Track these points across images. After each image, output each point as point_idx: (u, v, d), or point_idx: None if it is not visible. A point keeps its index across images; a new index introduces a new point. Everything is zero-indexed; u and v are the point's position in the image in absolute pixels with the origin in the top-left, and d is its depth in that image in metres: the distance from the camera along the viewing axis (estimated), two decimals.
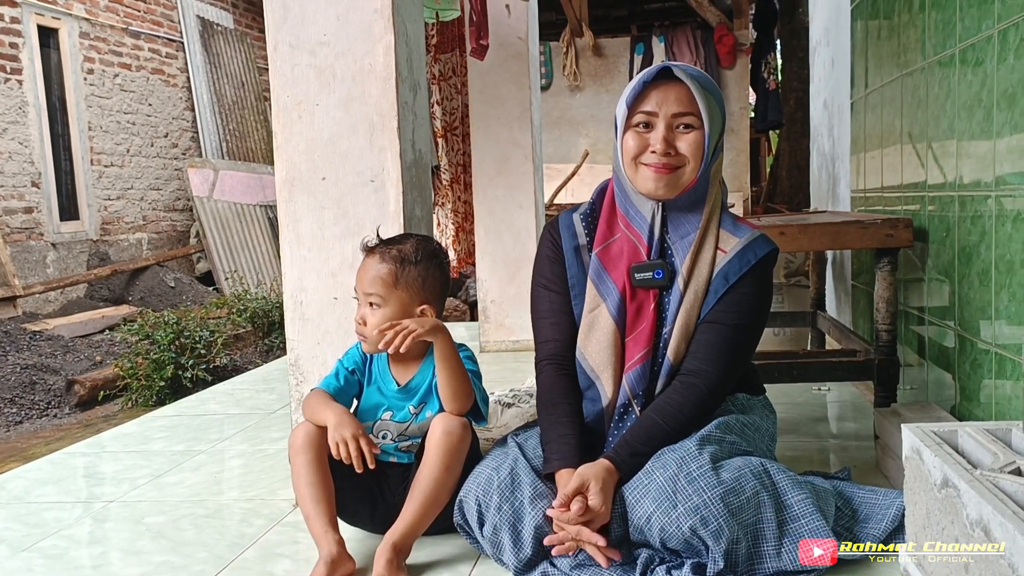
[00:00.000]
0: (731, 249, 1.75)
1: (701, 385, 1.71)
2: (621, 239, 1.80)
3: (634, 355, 1.75)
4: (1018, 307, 1.87)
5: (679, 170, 1.71)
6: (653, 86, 1.72)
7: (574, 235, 1.85)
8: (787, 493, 1.60)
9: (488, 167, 4.23)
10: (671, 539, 1.55)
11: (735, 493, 1.55)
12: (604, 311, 1.77)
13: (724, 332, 1.73)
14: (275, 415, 3.22)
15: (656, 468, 1.60)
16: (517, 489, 1.68)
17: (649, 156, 1.71)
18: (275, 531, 2.01)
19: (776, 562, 1.57)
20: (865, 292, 3.17)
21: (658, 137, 1.70)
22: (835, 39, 3.76)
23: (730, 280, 1.73)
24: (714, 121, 1.72)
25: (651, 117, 1.71)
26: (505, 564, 1.68)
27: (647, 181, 1.72)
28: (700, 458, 1.59)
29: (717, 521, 1.52)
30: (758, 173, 13.06)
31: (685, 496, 1.54)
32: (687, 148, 1.71)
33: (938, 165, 2.38)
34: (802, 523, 1.58)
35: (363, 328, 1.85)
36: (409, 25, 2.16)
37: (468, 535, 1.77)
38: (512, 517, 1.65)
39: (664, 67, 1.72)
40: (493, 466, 1.75)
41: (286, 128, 2.11)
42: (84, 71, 8.01)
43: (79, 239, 7.88)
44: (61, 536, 2.06)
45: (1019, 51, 1.83)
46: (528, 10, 4.19)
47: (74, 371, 5.30)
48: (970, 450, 1.28)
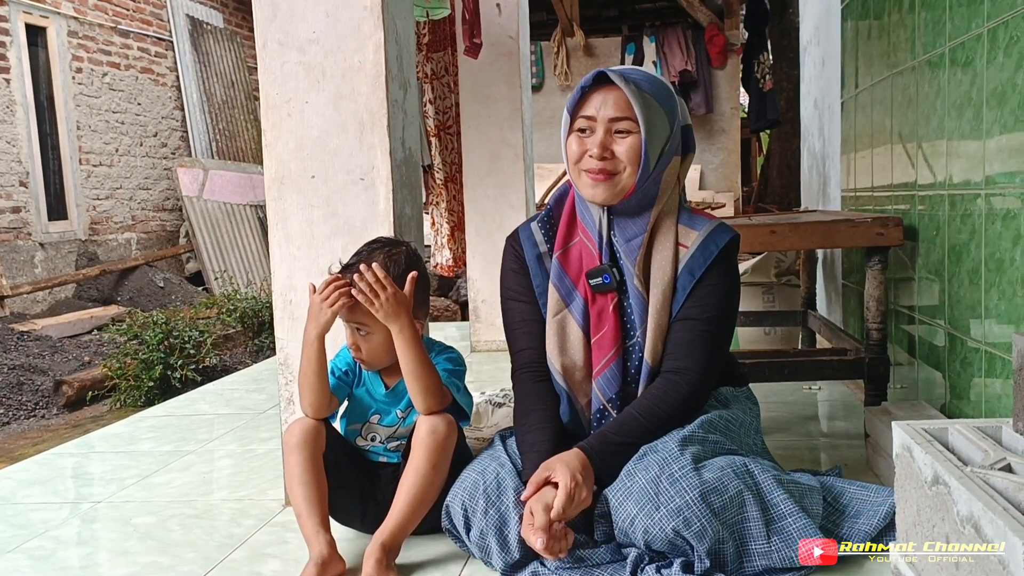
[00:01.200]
0: (692, 243, 1.75)
1: (682, 383, 1.71)
2: (579, 243, 1.82)
3: (600, 359, 1.76)
4: (1008, 305, 1.87)
5: (616, 176, 1.71)
6: (593, 90, 1.73)
7: (535, 244, 1.86)
8: (771, 492, 1.60)
9: (479, 166, 4.22)
10: (655, 541, 1.55)
11: (718, 493, 1.55)
12: (568, 316, 1.79)
13: (698, 327, 1.73)
14: (265, 415, 3.20)
15: (638, 470, 1.60)
16: (503, 494, 1.68)
17: (587, 161, 1.72)
18: (264, 531, 2.00)
19: (766, 560, 1.56)
20: (856, 291, 3.17)
21: (595, 141, 1.71)
22: (825, 39, 3.77)
23: (696, 274, 1.73)
24: (654, 126, 1.71)
25: (590, 122, 1.72)
26: (494, 567, 1.68)
27: (587, 187, 1.74)
28: (682, 459, 1.59)
29: (700, 522, 1.52)
30: (749, 173, 13.09)
31: (667, 498, 1.53)
32: (623, 153, 1.71)
33: (928, 164, 2.39)
34: (788, 521, 1.57)
35: (360, 355, 1.84)
36: (399, 22, 2.15)
37: (456, 539, 1.76)
38: (498, 522, 1.65)
39: (601, 72, 1.72)
40: (479, 470, 1.75)
41: (275, 126, 2.10)
42: (72, 70, 7.96)
43: (67, 239, 7.84)
44: (48, 537, 2.05)
45: (1008, 50, 1.83)
46: (519, 9, 4.18)
47: (62, 372, 5.27)
48: (960, 447, 1.28)
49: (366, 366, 1.87)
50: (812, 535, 1.56)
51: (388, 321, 1.75)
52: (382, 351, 1.82)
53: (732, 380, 1.92)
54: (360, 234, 2.05)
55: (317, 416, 1.82)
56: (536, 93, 9.11)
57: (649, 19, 9.86)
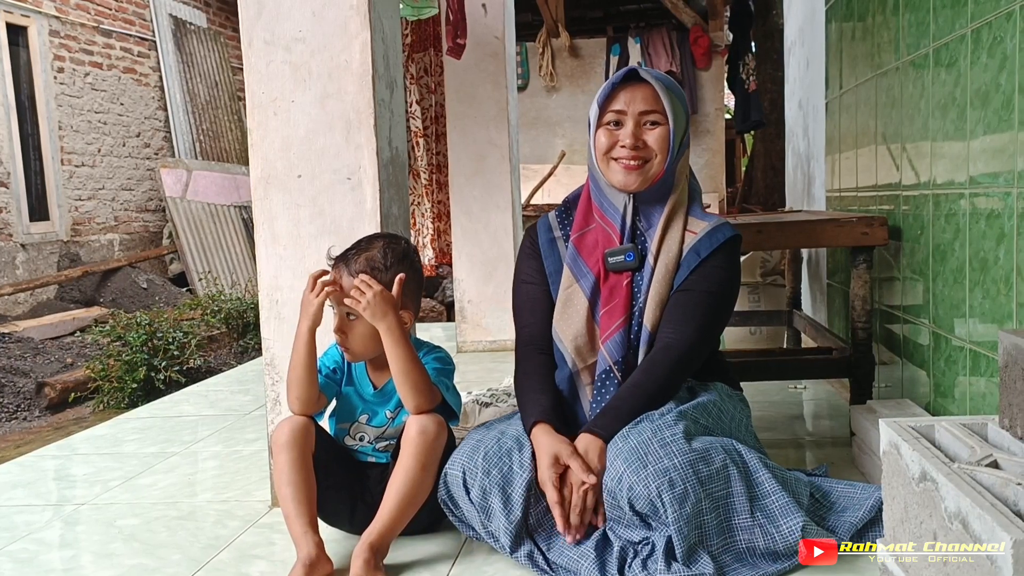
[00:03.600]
0: (700, 231, 1.88)
1: (676, 344, 1.80)
2: (596, 229, 1.92)
3: (609, 326, 1.85)
4: (992, 304, 1.89)
5: (647, 164, 1.84)
6: (622, 87, 1.86)
7: (549, 229, 1.99)
8: (757, 471, 1.65)
9: (465, 167, 4.22)
10: (638, 499, 1.58)
11: (705, 462, 1.61)
12: (578, 290, 1.89)
13: (696, 298, 1.83)
14: (250, 416, 3.18)
15: (632, 433, 1.67)
16: (506, 456, 1.72)
17: (619, 151, 1.84)
18: (250, 532, 1.99)
19: (748, 535, 1.60)
20: (840, 291, 3.19)
21: (627, 133, 1.84)
22: (810, 40, 3.79)
23: (702, 254, 1.85)
24: (678, 119, 1.86)
25: (620, 115, 1.85)
26: (493, 533, 1.70)
27: (618, 174, 1.85)
28: (675, 428, 1.66)
29: (684, 485, 1.56)
30: (733, 174, 13.14)
31: (656, 458, 1.59)
32: (654, 142, 1.84)
33: (912, 164, 2.40)
34: (772, 499, 1.62)
35: (345, 340, 1.83)
36: (385, 22, 2.14)
37: (452, 512, 1.78)
38: (502, 480, 1.69)
39: (632, 69, 1.88)
40: (477, 438, 1.80)
41: (261, 125, 2.09)
42: (54, 70, 7.90)
43: (49, 240, 7.77)
44: (31, 540, 2.03)
45: (992, 50, 1.85)
46: (505, 9, 4.18)
47: (44, 373, 5.21)
48: (947, 444, 1.29)
49: (351, 356, 1.86)
50: (794, 512, 1.60)
51: (375, 320, 1.75)
52: (368, 339, 1.81)
53: (728, 381, 1.99)
54: (347, 234, 2.04)
55: (304, 412, 1.81)
56: (521, 94, 9.11)
57: (634, 20, 9.89)
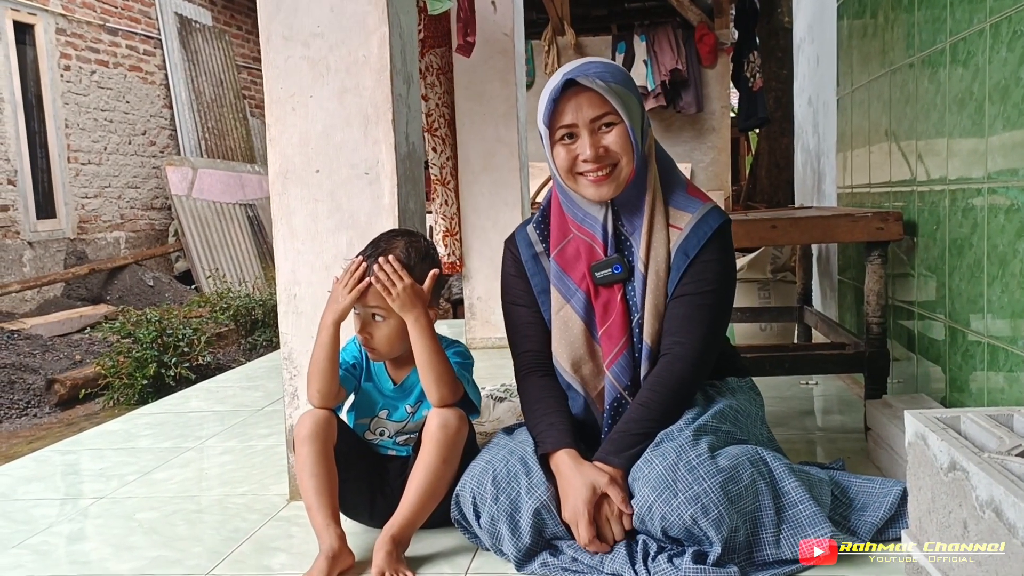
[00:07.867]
0: (685, 225, 1.77)
1: (682, 355, 1.72)
2: (575, 240, 1.82)
3: (611, 349, 1.77)
4: (1010, 298, 1.89)
5: (616, 169, 1.73)
6: (563, 99, 1.72)
7: (530, 244, 1.88)
8: (783, 480, 1.62)
9: (474, 164, 4.22)
10: (672, 527, 1.55)
11: (734, 481, 1.57)
12: (571, 311, 1.80)
13: (693, 302, 1.74)
14: (262, 412, 3.19)
15: (655, 457, 1.61)
16: (513, 480, 1.68)
17: (582, 165, 1.73)
18: (270, 525, 2.00)
19: (775, 549, 1.58)
20: (852, 287, 3.19)
21: (584, 144, 1.72)
22: (820, 36, 3.79)
23: (690, 254, 1.75)
24: (631, 110, 1.73)
25: (572, 128, 1.73)
26: (505, 555, 1.68)
27: (588, 189, 1.75)
28: (698, 447, 1.61)
29: (718, 509, 1.53)
30: (738, 172, 13.14)
31: (685, 485, 1.55)
32: (615, 144, 1.72)
33: (927, 160, 2.40)
34: (799, 509, 1.59)
35: (370, 340, 1.83)
36: (403, 17, 2.15)
37: (466, 530, 1.76)
38: (509, 507, 1.66)
39: (567, 79, 1.71)
40: (487, 459, 1.76)
41: (279, 121, 2.09)
42: (61, 68, 7.91)
43: (56, 237, 7.79)
44: (51, 533, 2.03)
45: (1012, 44, 1.85)
46: (514, 6, 4.18)
47: (53, 370, 5.23)
48: (974, 435, 1.29)
49: (375, 356, 1.86)
50: (822, 523, 1.57)
51: (403, 312, 1.75)
52: (393, 339, 1.81)
53: (736, 371, 1.94)
54: (365, 228, 2.05)
55: (324, 405, 1.81)
56: (527, 92, 9.11)
57: (639, 18, 9.88)
